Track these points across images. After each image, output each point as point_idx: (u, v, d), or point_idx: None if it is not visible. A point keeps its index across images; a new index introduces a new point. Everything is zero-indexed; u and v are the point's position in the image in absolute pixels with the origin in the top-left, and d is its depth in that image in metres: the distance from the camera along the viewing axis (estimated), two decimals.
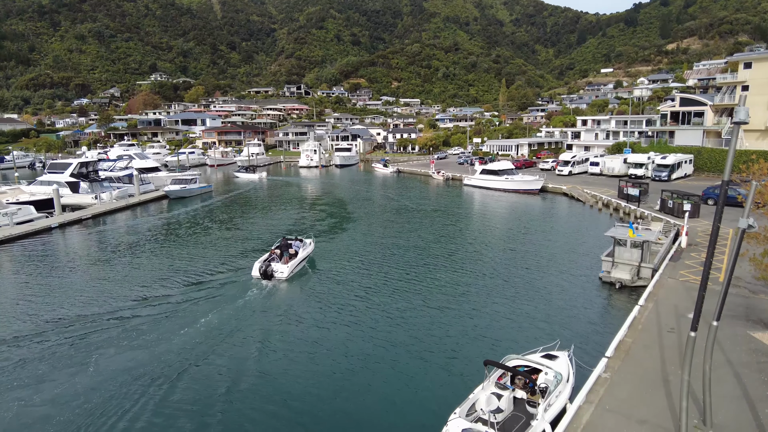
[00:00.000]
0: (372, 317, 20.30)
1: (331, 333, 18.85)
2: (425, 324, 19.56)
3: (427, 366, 16.29)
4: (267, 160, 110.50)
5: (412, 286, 24.21)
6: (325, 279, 25.37)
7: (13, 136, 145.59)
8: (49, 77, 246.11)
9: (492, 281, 24.84)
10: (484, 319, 20.08)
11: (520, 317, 20.19)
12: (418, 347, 17.61)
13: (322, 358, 16.84)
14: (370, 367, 16.33)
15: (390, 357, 16.95)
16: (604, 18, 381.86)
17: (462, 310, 20.91)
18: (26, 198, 45.33)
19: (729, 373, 13.87)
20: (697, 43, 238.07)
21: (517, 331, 18.88)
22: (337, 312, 20.82)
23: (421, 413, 13.74)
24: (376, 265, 27.91)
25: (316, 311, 20.93)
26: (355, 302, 22.03)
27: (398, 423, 13.41)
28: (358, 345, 17.87)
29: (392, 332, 18.87)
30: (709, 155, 58.38)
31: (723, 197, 10.21)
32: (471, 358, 16.60)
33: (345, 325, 19.51)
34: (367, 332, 18.89)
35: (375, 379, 15.62)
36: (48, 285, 25.37)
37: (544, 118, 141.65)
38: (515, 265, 27.64)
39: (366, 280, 25.24)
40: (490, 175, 59.40)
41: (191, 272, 26.78)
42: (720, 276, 21.75)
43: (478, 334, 18.73)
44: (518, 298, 22.31)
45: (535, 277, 25.23)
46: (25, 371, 16.27)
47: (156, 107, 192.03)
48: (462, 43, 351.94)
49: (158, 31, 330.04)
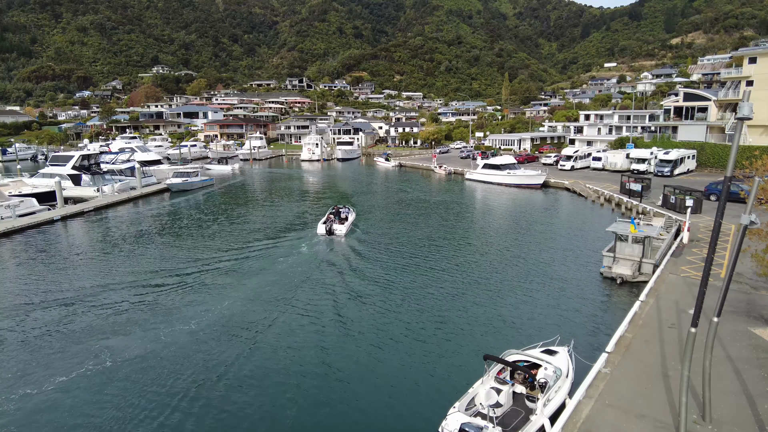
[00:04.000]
0: (370, 312, 20.34)
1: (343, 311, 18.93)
2: (425, 318, 19.59)
3: (427, 360, 16.32)
4: (269, 153, 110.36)
5: (412, 279, 24.22)
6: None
7: (15, 128, 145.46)
8: (51, 69, 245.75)
9: (492, 276, 24.84)
10: (484, 313, 20.10)
11: (520, 312, 20.21)
12: (417, 341, 17.64)
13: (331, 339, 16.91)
14: (369, 360, 16.39)
15: (389, 350, 16.99)
16: (608, 12, 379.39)
17: (462, 305, 20.93)
18: (28, 190, 45.43)
19: (729, 369, 13.88)
20: (702, 38, 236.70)
21: (517, 326, 18.90)
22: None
23: (421, 407, 13.79)
24: (373, 260, 27.92)
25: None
26: (355, 299, 22.08)
27: (397, 417, 13.46)
28: (358, 339, 17.92)
29: (391, 325, 18.90)
30: (713, 151, 58.12)
31: (725, 193, 10.17)
32: (470, 353, 16.64)
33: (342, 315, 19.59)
34: (367, 327, 18.93)
35: (374, 371, 15.68)
36: (51, 273, 25.49)
37: (546, 113, 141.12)
38: (516, 259, 27.62)
39: (367, 273, 25.27)
40: (492, 170, 59.24)
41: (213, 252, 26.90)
42: (721, 272, 21.72)
43: (478, 328, 18.75)
44: (518, 293, 22.31)
45: (536, 272, 25.22)
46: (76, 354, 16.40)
47: (158, 100, 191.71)
48: (465, 36, 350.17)
49: (160, 23, 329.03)
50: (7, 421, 13.34)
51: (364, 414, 13.63)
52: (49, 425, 13.16)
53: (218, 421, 13.26)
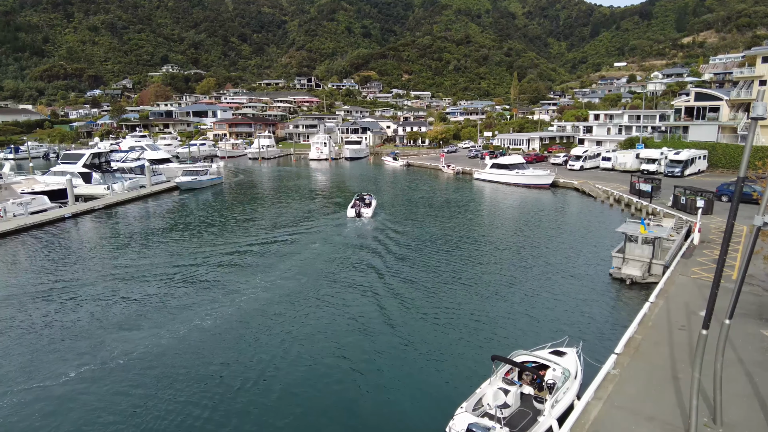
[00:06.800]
0: (377, 310, 20.34)
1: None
2: (432, 317, 19.55)
3: (434, 360, 16.30)
4: (277, 152, 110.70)
5: (420, 278, 24.19)
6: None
7: (27, 126, 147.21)
8: (62, 68, 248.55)
9: (500, 276, 24.75)
10: (492, 313, 20.03)
11: (529, 312, 20.11)
12: (424, 340, 17.61)
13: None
14: (376, 358, 16.39)
15: (397, 350, 16.98)
16: (618, 11, 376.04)
17: (470, 305, 20.86)
18: (40, 188, 45.95)
19: (740, 372, 13.72)
20: (713, 37, 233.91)
21: (525, 327, 18.81)
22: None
23: (428, 407, 13.77)
24: (379, 259, 27.93)
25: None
26: (360, 296, 22.11)
27: (404, 416, 13.44)
28: (365, 337, 17.93)
29: (399, 325, 18.89)
30: (724, 151, 57.46)
31: (738, 194, 10.05)
32: (478, 353, 16.58)
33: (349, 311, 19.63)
34: (374, 325, 18.93)
35: (381, 370, 15.68)
36: (64, 269, 25.78)
37: (555, 112, 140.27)
38: (524, 259, 27.50)
39: (372, 273, 25.28)
40: (500, 170, 59.00)
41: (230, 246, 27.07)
42: (733, 274, 21.47)
43: (486, 328, 18.69)
44: (527, 293, 22.21)
45: (545, 273, 25.09)
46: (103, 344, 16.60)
47: (167, 99, 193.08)
48: (473, 35, 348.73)
49: (170, 22, 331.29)
50: (22, 415, 13.50)
51: (370, 413, 13.63)
52: (65, 418, 13.30)
53: (223, 415, 13.33)
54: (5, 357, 16.79)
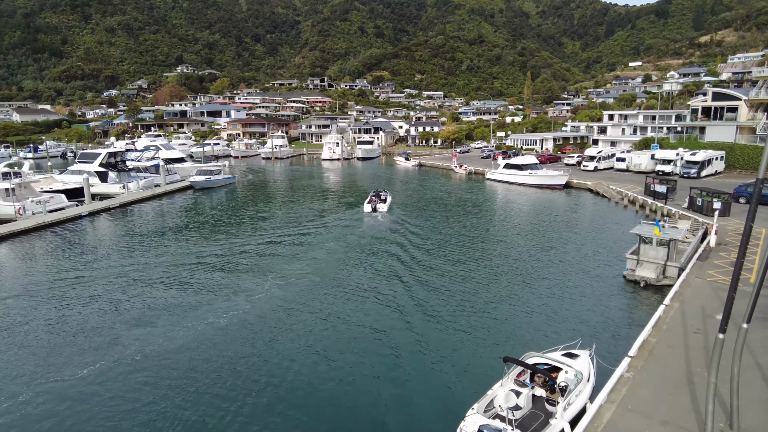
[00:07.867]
0: (388, 310, 20.36)
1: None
2: (445, 318, 19.53)
3: (446, 361, 16.28)
4: (290, 152, 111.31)
5: (432, 278, 24.16)
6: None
7: (46, 126, 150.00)
8: (80, 69, 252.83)
9: (513, 277, 24.63)
10: (505, 314, 19.95)
11: (541, 314, 19.99)
12: (436, 340, 17.60)
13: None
14: (387, 358, 16.42)
15: (409, 348, 17.00)
16: (633, 10, 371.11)
17: (482, 306, 20.80)
18: (58, 187, 46.80)
19: (758, 377, 13.50)
20: (732, 35, 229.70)
21: (537, 328, 18.70)
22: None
23: (439, 407, 13.77)
24: (396, 258, 27.94)
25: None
26: (372, 298, 22.15)
27: (415, 417, 13.46)
28: (376, 337, 17.97)
29: (413, 323, 18.90)
30: (742, 152, 56.45)
31: (757, 195, 9.90)
32: (490, 354, 16.53)
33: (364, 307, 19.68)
34: (385, 326, 18.97)
35: (392, 370, 15.70)
36: (81, 266, 26.23)
37: (569, 112, 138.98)
38: (537, 261, 27.32)
39: (384, 272, 25.32)
40: (513, 170, 58.64)
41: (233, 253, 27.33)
42: (751, 277, 21.11)
43: (498, 330, 18.62)
44: (539, 295, 22.07)
45: (558, 274, 24.91)
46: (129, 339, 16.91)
47: (182, 99, 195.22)
48: (487, 35, 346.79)
49: (184, 23, 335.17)
50: (39, 410, 13.77)
51: (381, 413, 13.66)
52: (80, 413, 13.55)
53: (225, 410, 13.46)
54: (23, 350, 17.16)
